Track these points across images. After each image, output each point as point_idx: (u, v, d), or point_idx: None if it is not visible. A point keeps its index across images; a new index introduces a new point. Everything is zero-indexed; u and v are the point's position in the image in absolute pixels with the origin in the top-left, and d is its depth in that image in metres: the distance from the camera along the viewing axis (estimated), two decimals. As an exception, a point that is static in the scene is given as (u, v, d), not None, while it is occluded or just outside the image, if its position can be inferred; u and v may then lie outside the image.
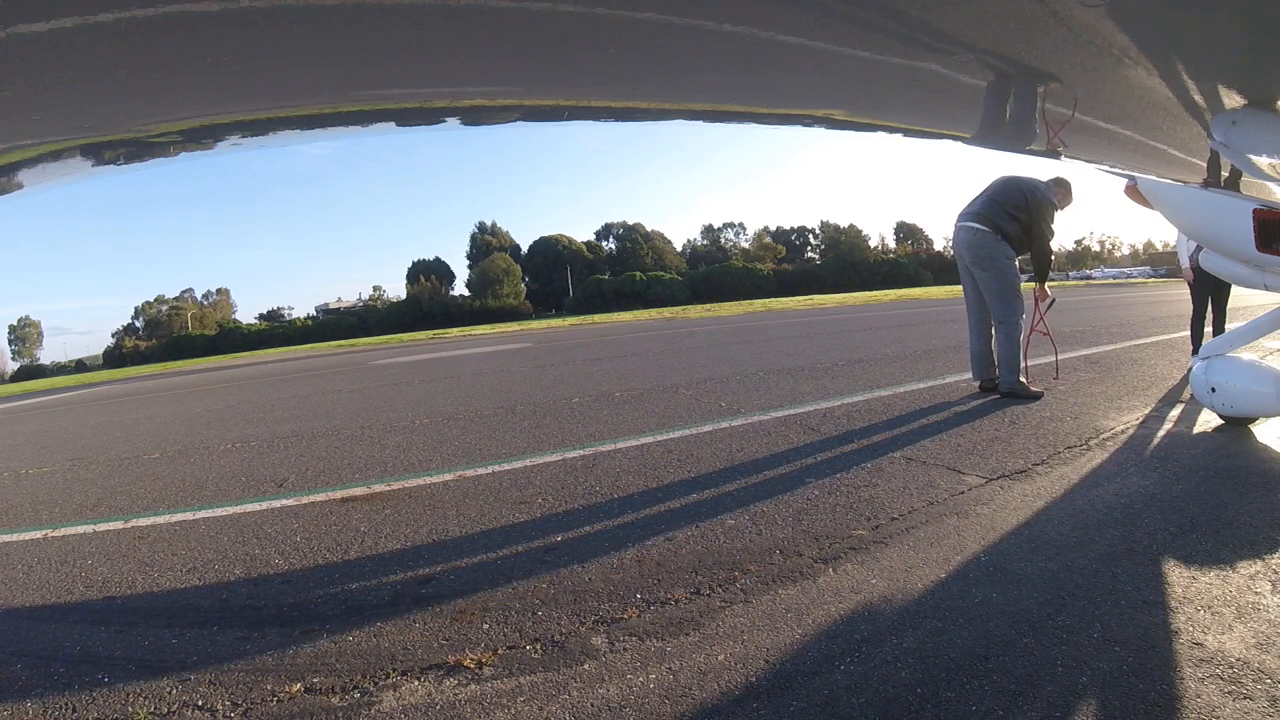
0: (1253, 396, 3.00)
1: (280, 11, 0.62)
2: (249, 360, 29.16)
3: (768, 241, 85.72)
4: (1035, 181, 4.38)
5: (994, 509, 2.34)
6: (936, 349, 7.37)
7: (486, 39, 0.77)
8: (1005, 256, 4.26)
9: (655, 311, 42.06)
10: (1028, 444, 3.15)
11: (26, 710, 1.53)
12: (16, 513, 3.48)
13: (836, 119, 1.21)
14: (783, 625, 1.67)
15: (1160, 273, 53.84)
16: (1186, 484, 2.45)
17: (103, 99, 0.75)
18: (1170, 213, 3.13)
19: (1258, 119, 1.20)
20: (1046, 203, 4.31)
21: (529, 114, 1.04)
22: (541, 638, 1.71)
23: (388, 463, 3.85)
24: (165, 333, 68.75)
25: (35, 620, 2.06)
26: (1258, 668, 1.34)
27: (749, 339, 11.55)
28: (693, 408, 4.79)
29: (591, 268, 77.95)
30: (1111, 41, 0.92)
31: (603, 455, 3.57)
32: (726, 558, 2.11)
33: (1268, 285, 2.93)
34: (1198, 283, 4.98)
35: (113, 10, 0.55)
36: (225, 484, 3.69)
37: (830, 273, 72.10)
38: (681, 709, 1.37)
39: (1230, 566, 1.78)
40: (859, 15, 0.83)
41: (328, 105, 0.88)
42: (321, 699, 1.50)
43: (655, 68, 0.96)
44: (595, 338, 16.65)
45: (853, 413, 4.17)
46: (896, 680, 1.40)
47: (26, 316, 72.82)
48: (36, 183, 0.91)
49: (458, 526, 2.60)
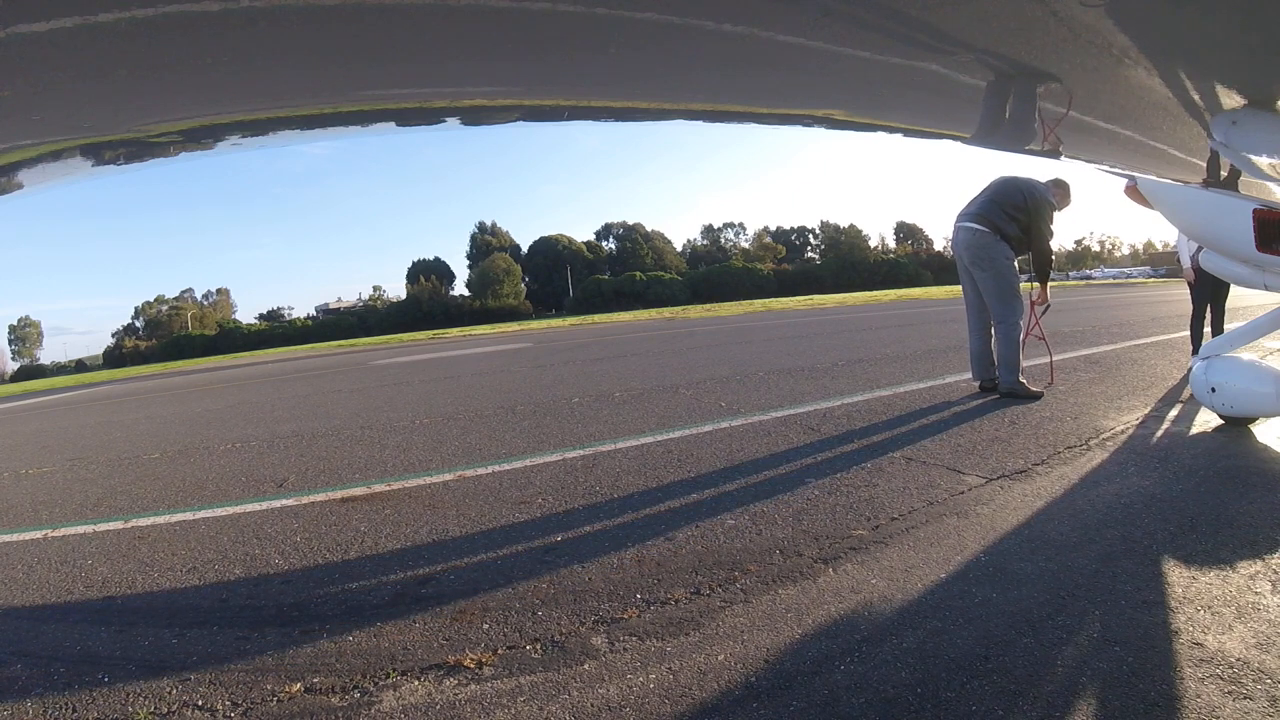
0: (1253, 396, 3.00)
1: (280, 11, 0.62)
2: (249, 360, 29.16)
3: (768, 241, 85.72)
4: (1034, 182, 4.38)
5: (994, 509, 2.34)
6: (936, 349, 7.37)
7: (486, 39, 0.77)
8: (1004, 257, 4.26)
9: (655, 311, 42.05)
10: (1028, 444, 3.15)
11: (26, 710, 1.53)
12: (16, 513, 3.48)
13: (836, 119, 1.21)
14: (783, 625, 1.67)
15: (1160, 273, 53.83)
16: (1186, 484, 2.45)
17: (103, 99, 0.75)
18: (1170, 213, 3.13)
19: (1258, 119, 1.20)
20: (1046, 203, 4.31)
21: (529, 114, 1.04)
22: (541, 638, 1.71)
23: (388, 463, 3.85)
24: (165, 333, 68.77)
25: (35, 620, 2.06)
26: (1258, 668, 1.34)
27: (749, 339, 11.55)
28: (693, 408, 4.79)
29: (591, 268, 77.95)
30: (1111, 41, 0.92)
31: (603, 455, 3.57)
32: (726, 558, 2.11)
33: (1268, 285, 2.93)
34: (1198, 283, 4.98)
35: (113, 10, 0.55)
36: (225, 484, 3.69)
37: (830, 273, 72.10)
38: (681, 709, 1.37)
39: (1230, 566, 1.78)
40: (859, 15, 0.82)
41: (328, 105, 0.88)
42: (321, 699, 1.50)
43: (655, 68, 0.96)
44: (595, 338, 16.65)
45: (853, 413, 4.17)
46: (896, 680, 1.40)
47: (26, 316, 72.93)
48: (36, 183, 0.91)
49: (458, 526, 2.60)
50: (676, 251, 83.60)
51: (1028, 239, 4.31)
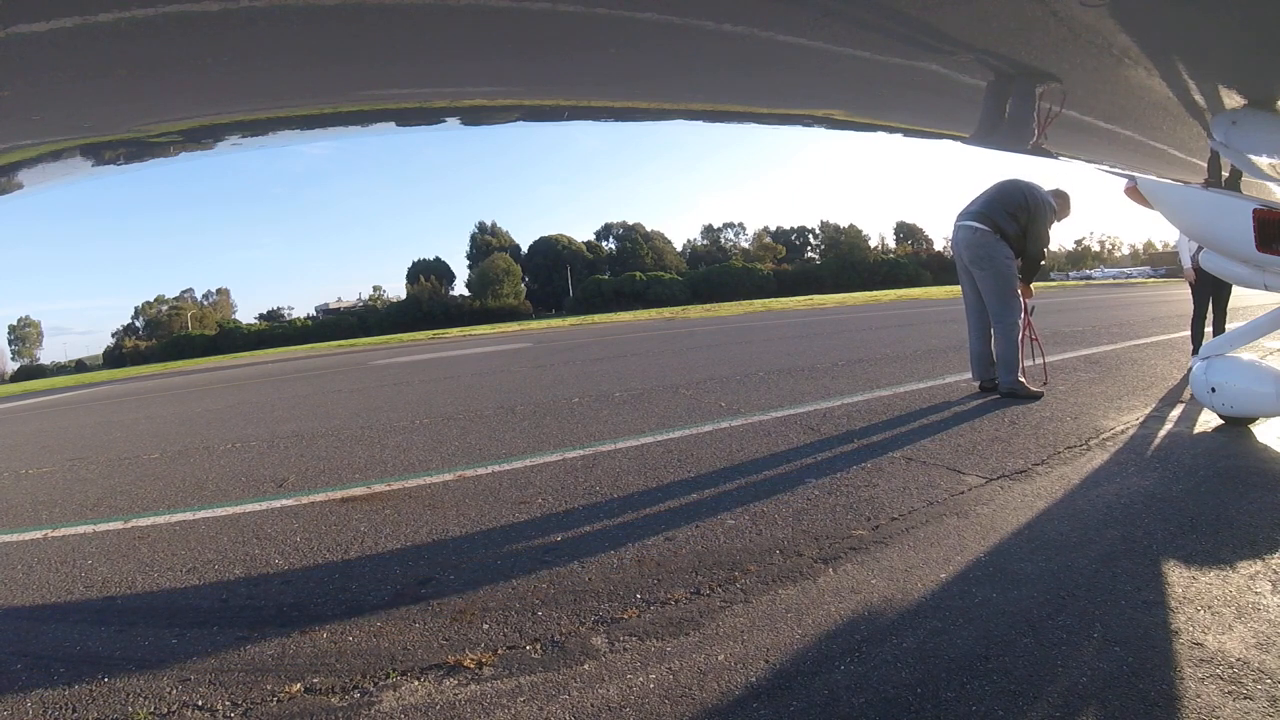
0: (1253, 396, 3.00)
1: (280, 11, 0.62)
2: (249, 360, 29.15)
3: (768, 241, 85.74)
4: (1037, 186, 4.39)
5: (994, 509, 2.34)
6: (936, 349, 7.37)
7: (486, 39, 0.77)
8: (1005, 257, 4.27)
9: (655, 311, 42.05)
10: (1028, 444, 3.14)
11: (26, 710, 1.53)
12: (16, 513, 3.48)
13: (836, 119, 1.21)
14: (783, 625, 1.67)
15: (1160, 273, 53.84)
16: (1186, 484, 2.45)
17: (103, 99, 0.75)
18: (1170, 213, 3.13)
19: (1258, 119, 1.20)
20: (1047, 206, 4.32)
21: (529, 114, 1.04)
22: (541, 638, 1.71)
23: (388, 463, 3.85)
24: (165, 333, 68.80)
25: (35, 620, 2.06)
26: (1258, 668, 1.34)
27: (749, 339, 11.55)
28: (693, 408, 4.79)
29: (591, 268, 77.98)
30: (1111, 41, 0.91)
31: (603, 455, 3.57)
32: (726, 558, 2.11)
33: (1268, 285, 2.93)
34: (1198, 283, 4.98)
35: (113, 10, 0.55)
36: (225, 484, 3.69)
37: (830, 273, 72.11)
38: (681, 709, 1.37)
39: (1230, 566, 1.78)
40: (859, 15, 0.82)
41: (328, 105, 0.88)
42: (321, 699, 1.50)
43: (655, 68, 0.96)
44: (595, 338, 16.64)
45: (853, 413, 4.17)
46: (896, 680, 1.40)
47: (26, 316, 72.99)
48: (36, 183, 0.91)
49: (458, 526, 2.60)
50: (676, 251, 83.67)
51: (1025, 241, 4.32)
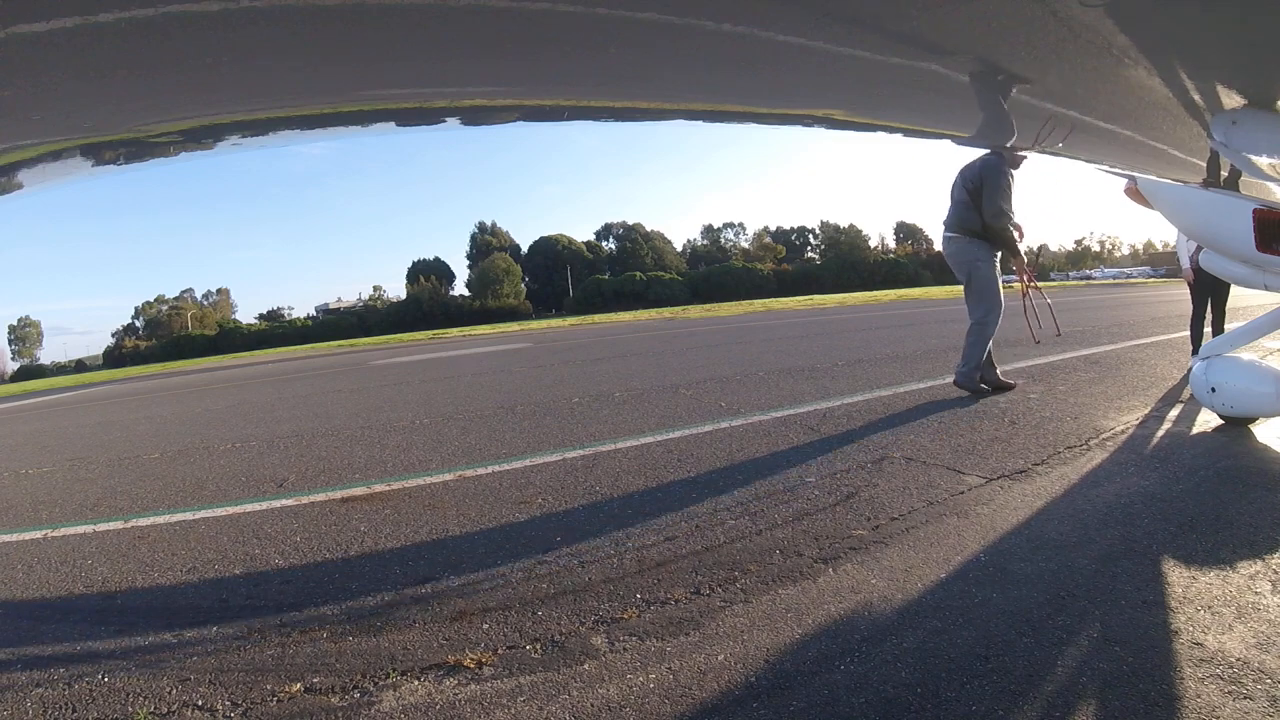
0: (1253, 396, 3.00)
1: (280, 11, 0.62)
2: (249, 360, 29.16)
3: (768, 241, 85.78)
4: (986, 154, 4.30)
5: (994, 509, 2.34)
6: (936, 349, 7.37)
7: (486, 39, 0.76)
8: (978, 259, 4.31)
9: (655, 311, 42.06)
10: (1028, 444, 3.14)
11: (26, 710, 1.53)
12: (16, 513, 3.48)
13: (836, 119, 1.21)
14: (783, 625, 1.67)
15: (1160, 273, 53.86)
16: (1186, 484, 2.45)
17: (103, 99, 0.75)
18: (1170, 213, 3.13)
19: (1258, 119, 1.20)
20: (995, 168, 4.19)
21: (529, 114, 1.04)
22: (541, 638, 1.71)
23: (388, 463, 3.85)
24: (165, 333, 68.81)
25: (35, 620, 2.06)
26: (1258, 668, 1.34)
27: (749, 339, 11.55)
28: (693, 408, 4.79)
29: (591, 268, 78.00)
30: (1111, 41, 0.91)
31: (603, 455, 3.57)
32: (726, 558, 2.10)
33: (1268, 285, 2.93)
34: (1198, 283, 4.97)
35: (113, 10, 0.55)
36: (225, 484, 3.69)
37: (830, 273, 72.15)
38: (681, 709, 1.37)
39: (1230, 566, 1.78)
40: (859, 15, 0.82)
41: (328, 105, 0.88)
42: (321, 699, 1.50)
43: (655, 68, 0.96)
44: (595, 338, 16.64)
45: (853, 413, 4.17)
46: (896, 680, 1.40)
47: (26, 316, 73.01)
48: (36, 183, 0.91)
49: (458, 526, 2.60)
50: (676, 251, 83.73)
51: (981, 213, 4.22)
